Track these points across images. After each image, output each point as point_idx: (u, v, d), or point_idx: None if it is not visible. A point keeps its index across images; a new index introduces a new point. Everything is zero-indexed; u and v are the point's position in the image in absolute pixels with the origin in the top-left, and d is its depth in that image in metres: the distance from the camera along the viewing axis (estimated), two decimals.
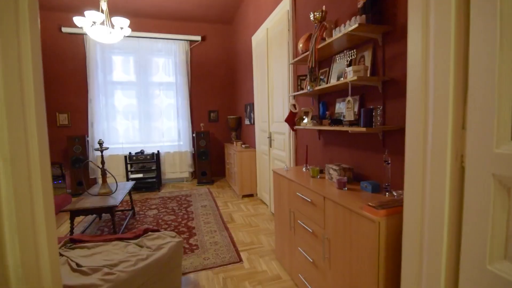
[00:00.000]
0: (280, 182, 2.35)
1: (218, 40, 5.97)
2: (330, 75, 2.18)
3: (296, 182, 2.03)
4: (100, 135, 5.29)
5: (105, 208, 2.79)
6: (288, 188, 2.20)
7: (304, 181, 2.01)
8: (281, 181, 2.34)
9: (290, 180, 2.14)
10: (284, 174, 2.27)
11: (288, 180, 2.18)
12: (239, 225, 3.38)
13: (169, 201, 4.49)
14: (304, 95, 2.41)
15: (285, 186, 2.26)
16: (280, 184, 2.37)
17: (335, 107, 2.18)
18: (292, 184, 2.10)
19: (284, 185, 2.27)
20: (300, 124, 2.37)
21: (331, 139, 2.29)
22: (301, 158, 2.88)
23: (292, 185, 2.10)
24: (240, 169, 4.45)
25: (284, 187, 2.28)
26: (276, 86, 3.39)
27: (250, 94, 4.75)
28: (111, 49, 5.33)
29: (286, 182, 2.22)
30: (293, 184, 2.08)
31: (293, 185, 2.09)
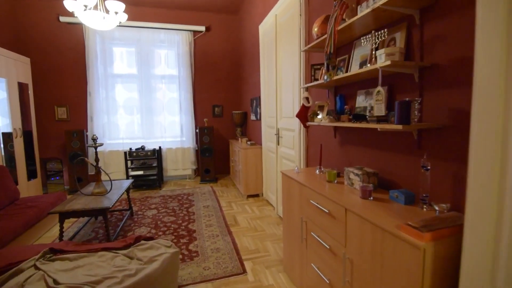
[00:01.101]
0: (290, 185, 2.06)
1: (223, 31, 5.66)
2: (351, 63, 1.87)
3: (309, 188, 1.74)
4: (100, 130, 5.07)
5: (97, 210, 2.55)
6: (299, 193, 1.91)
7: (318, 186, 1.72)
8: (291, 184, 2.05)
9: (302, 184, 1.85)
10: (295, 177, 1.98)
11: (299, 184, 1.89)
12: (243, 229, 3.11)
13: (170, 200, 4.25)
14: (318, 86, 2.11)
15: (295, 190, 1.97)
16: (290, 188, 2.08)
17: (355, 101, 1.87)
18: (305, 190, 1.82)
19: (295, 189, 1.98)
20: (314, 120, 2.07)
21: (350, 137, 1.99)
22: (312, 158, 2.58)
23: (305, 190, 1.82)
24: (245, 167, 4.17)
25: (294, 192, 1.99)
26: (285, 78, 3.09)
27: (257, 87, 4.45)
28: (111, 40, 5.07)
29: (297, 187, 1.93)
30: (306, 189, 1.80)
31: (305, 190, 1.81)
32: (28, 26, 4.70)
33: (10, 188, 3.22)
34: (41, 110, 4.88)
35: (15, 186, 3.32)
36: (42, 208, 3.05)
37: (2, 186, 3.11)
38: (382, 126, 1.29)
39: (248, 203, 4.02)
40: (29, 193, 4.09)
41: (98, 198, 2.82)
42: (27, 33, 4.70)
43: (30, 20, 4.70)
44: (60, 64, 4.92)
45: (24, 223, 2.70)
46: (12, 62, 3.87)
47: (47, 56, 4.83)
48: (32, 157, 4.32)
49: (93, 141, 2.96)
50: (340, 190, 1.64)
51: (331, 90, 2.14)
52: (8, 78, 3.76)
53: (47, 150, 4.96)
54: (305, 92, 2.05)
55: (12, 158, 3.83)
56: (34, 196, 3.41)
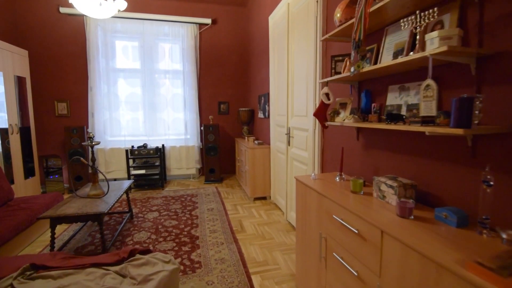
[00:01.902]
0: (306, 194, 1.81)
1: (230, 23, 5.39)
2: (381, 53, 1.59)
3: (331, 200, 1.49)
4: (101, 126, 4.87)
5: (91, 215, 2.33)
6: (318, 204, 1.65)
7: (342, 198, 1.46)
8: (307, 193, 1.79)
9: (321, 195, 1.60)
10: (312, 185, 1.73)
11: (318, 194, 1.64)
12: (250, 237, 2.87)
13: (172, 201, 4.03)
14: (339, 81, 1.84)
15: (313, 201, 1.71)
16: (305, 196, 1.82)
17: (386, 97, 1.60)
18: (325, 201, 1.56)
19: (312, 199, 1.72)
20: (335, 120, 1.80)
21: (377, 140, 1.72)
22: (329, 163, 2.32)
23: (325, 202, 1.56)
24: (252, 168, 3.93)
25: (311, 202, 1.74)
26: (298, 72, 2.82)
27: (265, 83, 4.18)
28: (113, 33, 4.85)
29: (315, 197, 1.67)
30: (327, 201, 1.54)
31: (326, 202, 1.55)
32: (27, 17, 4.50)
33: (3, 188, 3.02)
34: (40, 105, 4.70)
35: (8, 186, 3.13)
36: (35, 210, 2.85)
37: None
38: (433, 130, 1.02)
39: (255, 207, 3.77)
40: (26, 192, 3.91)
41: (93, 201, 2.60)
42: (25, 25, 4.50)
43: (29, 11, 4.50)
44: (60, 57, 4.72)
45: (14, 227, 2.49)
46: (9, 55, 3.67)
47: (46, 49, 4.63)
48: (30, 154, 4.14)
49: (89, 140, 2.74)
50: (368, 204, 1.38)
51: (355, 85, 1.86)
52: (4, 71, 3.57)
53: (46, 147, 4.78)
54: (325, 87, 1.78)
55: (8, 155, 3.64)
56: (29, 197, 3.21)
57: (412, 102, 1.41)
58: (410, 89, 1.44)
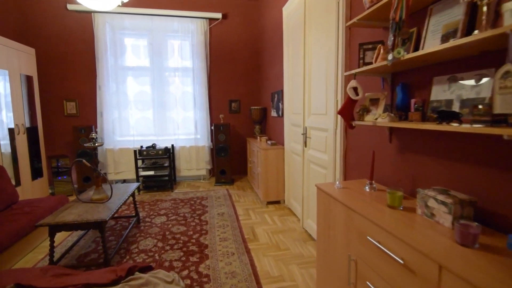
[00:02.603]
0: (330, 206, 1.55)
1: (241, 18, 5.15)
2: (424, 37, 1.31)
3: (363, 216, 1.23)
4: (110, 126, 4.75)
5: (91, 223, 2.15)
6: (346, 220, 1.39)
7: (376, 214, 1.20)
8: (331, 205, 1.54)
9: (350, 209, 1.34)
10: (337, 196, 1.47)
11: (346, 208, 1.38)
12: (264, 246, 2.63)
13: (181, 204, 3.85)
14: (369, 73, 1.57)
15: (339, 215, 1.46)
16: (329, 208, 1.57)
17: (430, 91, 1.32)
18: (355, 218, 1.30)
19: (338, 213, 1.46)
20: (364, 119, 1.53)
21: (418, 143, 1.44)
22: (353, 168, 2.05)
23: (356, 218, 1.30)
24: (265, 170, 3.68)
25: (337, 217, 1.48)
26: (317, 66, 2.55)
27: (279, 80, 3.93)
28: (122, 30, 4.71)
29: (343, 211, 1.42)
30: (358, 217, 1.28)
31: (357, 219, 1.29)
32: (34, 14, 4.41)
33: (6, 190, 2.91)
34: (49, 105, 4.62)
35: (12, 188, 3.02)
36: (38, 215, 2.71)
37: None
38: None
39: (268, 211, 3.53)
40: (33, 193, 3.83)
41: (96, 207, 2.43)
42: (33, 22, 4.42)
43: (36, 9, 4.41)
44: (68, 55, 4.62)
45: (15, 233, 2.36)
46: (15, 53, 3.57)
47: (54, 47, 4.54)
48: (38, 154, 4.06)
49: (92, 140, 2.58)
50: (412, 223, 1.11)
51: (387, 77, 1.58)
52: (10, 70, 3.47)
53: (56, 147, 4.70)
54: (352, 80, 1.51)
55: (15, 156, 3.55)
56: (33, 199, 3.09)
57: (469, 97, 1.13)
58: (464, 80, 1.16)
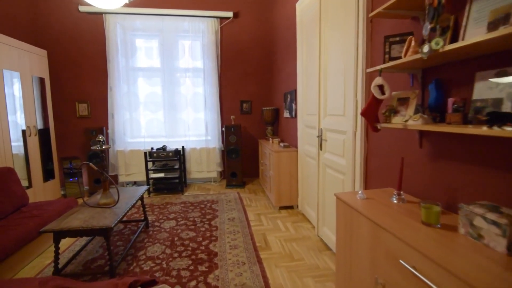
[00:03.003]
0: (352, 219, 1.38)
1: (252, 16, 5.01)
2: (465, 25, 1.13)
3: (393, 235, 1.05)
4: (121, 128, 4.72)
5: (96, 230, 2.06)
6: (372, 237, 1.22)
7: (409, 232, 1.03)
8: (353, 218, 1.37)
9: (377, 225, 1.17)
10: (361, 209, 1.30)
11: (372, 223, 1.21)
12: (276, 256, 2.48)
13: (191, 208, 3.75)
14: (396, 68, 1.39)
15: (363, 230, 1.29)
16: (351, 222, 1.40)
17: (472, 89, 1.13)
18: (384, 236, 1.13)
19: (362, 228, 1.29)
20: (392, 121, 1.36)
21: (456, 149, 1.25)
22: (375, 174, 1.86)
23: (384, 237, 1.13)
24: (277, 173, 3.53)
25: (361, 232, 1.31)
26: (334, 63, 2.38)
27: (292, 79, 3.76)
28: (132, 31, 4.68)
29: (368, 226, 1.25)
30: (386, 236, 1.11)
31: (385, 237, 1.12)
32: (46, 16, 4.43)
33: (16, 193, 2.89)
34: (61, 106, 4.63)
35: (23, 191, 2.99)
36: (46, 219, 2.67)
37: (6, 191, 2.78)
38: None
39: (281, 217, 3.37)
40: (45, 195, 3.82)
41: (103, 212, 2.35)
42: (45, 24, 4.44)
43: (48, 10, 4.43)
44: (80, 57, 4.62)
45: (20, 238, 2.30)
46: (26, 55, 3.57)
47: (66, 49, 4.55)
48: (50, 156, 4.06)
49: (99, 143, 2.50)
50: (454, 245, 0.93)
51: (418, 73, 1.40)
52: (21, 72, 3.47)
53: (68, 149, 4.71)
54: (378, 78, 1.34)
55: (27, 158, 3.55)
56: (43, 202, 3.06)
57: None
58: None
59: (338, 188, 2.36)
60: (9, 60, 3.24)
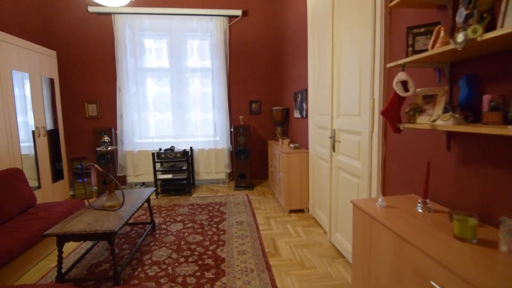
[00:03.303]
0: (373, 229, 1.25)
1: (262, 14, 4.90)
2: (504, 11, 0.98)
3: (422, 251, 0.92)
4: (129, 128, 4.70)
5: (99, 234, 1.99)
6: (394, 250, 1.09)
7: (440, 248, 0.90)
8: (374, 228, 1.24)
9: (402, 238, 1.03)
10: (382, 219, 1.17)
11: (395, 236, 1.07)
12: (286, 263, 2.36)
13: (199, 210, 3.66)
14: (420, 62, 1.25)
15: (385, 242, 1.16)
16: (370, 232, 1.27)
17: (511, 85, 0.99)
18: (410, 250, 0.99)
19: (384, 240, 1.16)
20: (417, 121, 1.22)
21: (491, 152, 1.11)
22: (394, 179, 1.72)
23: (410, 251, 0.99)
24: (287, 175, 3.40)
25: (382, 244, 1.18)
26: (348, 60, 2.24)
27: (302, 78, 3.63)
28: (141, 31, 4.65)
29: (390, 238, 1.11)
30: (413, 251, 0.97)
31: (412, 252, 0.98)
32: (56, 18, 4.45)
33: (23, 194, 2.87)
34: (71, 107, 4.65)
35: (30, 191, 2.98)
36: (52, 220, 2.63)
37: (13, 192, 2.76)
38: None
39: (291, 221, 3.24)
40: (53, 196, 3.82)
41: (107, 215, 2.29)
42: (55, 25, 4.46)
43: (57, 11, 4.45)
44: (89, 57, 4.62)
45: (25, 241, 2.26)
46: (36, 55, 3.57)
47: (75, 49, 4.55)
48: (59, 157, 4.06)
49: (104, 144, 2.44)
50: (496, 266, 0.80)
51: (445, 68, 1.26)
52: (30, 72, 3.47)
53: (78, 149, 4.72)
54: (401, 73, 1.21)
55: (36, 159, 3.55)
56: (51, 203, 3.04)
57: None
58: None
59: (352, 192, 2.22)
60: (18, 61, 3.24)
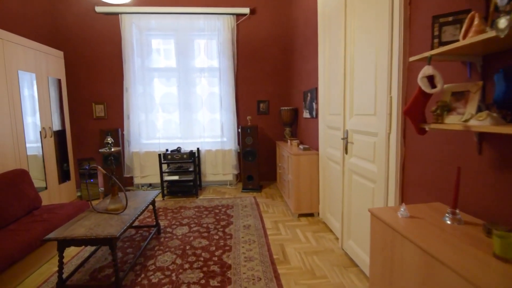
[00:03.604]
0: (395, 243, 1.11)
1: (270, 12, 4.78)
2: None
3: (457, 273, 0.78)
4: (136, 129, 4.65)
5: (100, 239, 1.91)
6: (421, 268, 0.95)
7: (479, 271, 0.76)
8: (396, 242, 1.10)
9: (432, 256, 0.90)
10: (406, 233, 1.03)
11: (423, 253, 0.94)
12: (296, 271, 2.23)
13: (205, 213, 3.57)
14: (448, 55, 1.11)
15: (410, 258, 1.02)
16: (391, 246, 1.13)
17: None
18: (441, 271, 0.86)
19: (408, 256, 1.03)
20: (445, 121, 1.08)
21: None
22: (415, 185, 1.57)
23: (441, 272, 0.86)
24: (296, 178, 3.27)
25: (406, 260, 1.04)
26: (363, 55, 2.10)
27: (312, 77, 3.50)
28: (148, 31, 4.60)
29: (417, 254, 0.98)
30: (446, 272, 0.83)
31: (444, 273, 0.85)
32: (62, 18, 4.44)
33: (28, 195, 2.83)
34: (78, 108, 4.64)
35: (35, 193, 2.94)
36: (55, 223, 2.57)
37: (18, 194, 2.72)
38: None
39: (300, 226, 3.11)
40: (60, 197, 3.79)
41: (110, 219, 2.21)
42: (61, 25, 4.45)
43: (65, 12, 4.44)
44: (97, 58, 4.60)
45: (26, 244, 2.21)
46: (42, 56, 3.55)
47: (82, 50, 4.54)
48: (66, 157, 4.04)
49: (107, 145, 2.37)
50: None
51: (477, 61, 1.11)
52: (37, 73, 3.45)
53: (85, 150, 4.71)
54: (427, 66, 1.07)
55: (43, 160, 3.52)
56: (55, 205, 3.00)
57: None
58: None
59: (367, 198, 2.07)
60: (24, 61, 3.21)
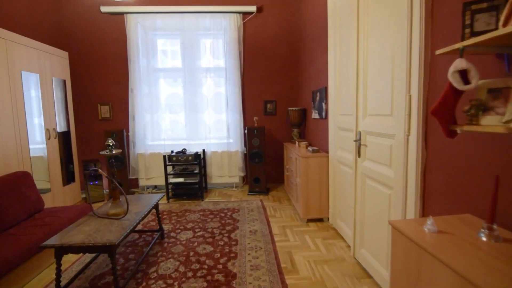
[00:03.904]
0: (421, 261, 0.97)
1: (277, 10, 4.66)
2: None
3: None
4: (141, 130, 4.59)
5: (99, 247, 1.82)
6: None
7: None
8: (422, 260, 0.96)
9: (467, 281, 0.75)
10: (435, 251, 0.89)
11: (457, 276, 0.79)
12: (305, 282, 2.09)
13: (211, 217, 3.46)
14: (483, 45, 0.96)
15: (439, 280, 0.87)
16: (417, 263, 0.99)
17: None
18: None
19: (437, 277, 0.88)
20: (480, 122, 0.93)
21: None
22: (439, 193, 1.42)
23: None
24: (305, 181, 3.13)
25: (435, 281, 0.90)
26: (377, 50, 1.95)
27: (322, 76, 3.35)
28: (153, 31, 4.53)
29: (448, 276, 0.83)
30: None
31: None
32: (67, 18, 4.41)
33: (30, 198, 2.77)
34: (84, 109, 4.60)
35: (37, 196, 2.88)
36: (56, 227, 2.50)
37: (19, 197, 2.66)
38: None
39: (309, 232, 2.97)
40: (64, 199, 3.75)
41: (110, 224, 2.12)
42: (66, 26, 4.42)
43: (70, 12, 4.41)
44: (102, 58, 4.55)
45: (25, 250, 2.13)
46: (46, 56, 3.51)
47: (87, 50, 4.50)
48: (71, 159, 4.00)
49: (108, 147, 2.28)
50: None
51: None
52: (41, 74, 3.40)
53: (91, 152, 4.66)
54: (460, 60, 0.92)
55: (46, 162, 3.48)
56: (58, 208, 2.94)
57: None
58: None
59: (382, 204, 1.92)
60: (28, 61, 3.17)
